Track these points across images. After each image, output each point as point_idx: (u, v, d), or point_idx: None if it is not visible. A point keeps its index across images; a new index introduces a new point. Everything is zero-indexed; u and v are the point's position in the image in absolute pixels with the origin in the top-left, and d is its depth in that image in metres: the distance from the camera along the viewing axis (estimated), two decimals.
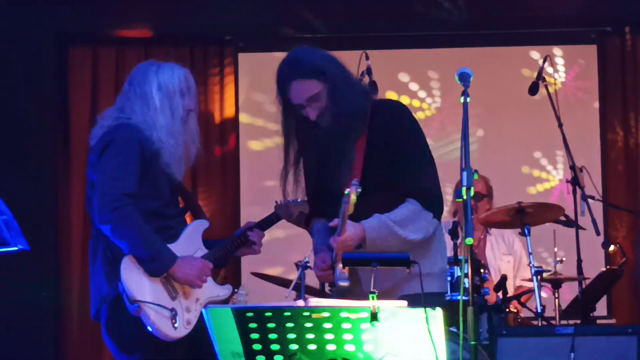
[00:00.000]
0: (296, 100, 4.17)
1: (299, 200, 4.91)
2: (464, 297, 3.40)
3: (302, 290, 6.25)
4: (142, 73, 4.52)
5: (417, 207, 4.15)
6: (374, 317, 3.16)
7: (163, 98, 4.45)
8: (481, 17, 8.00)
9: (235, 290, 5.25)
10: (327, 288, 4.47)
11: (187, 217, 4.76)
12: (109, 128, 4.42)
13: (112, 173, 4.28)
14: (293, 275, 6.43)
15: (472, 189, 3.44)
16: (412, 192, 4.15)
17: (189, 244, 4.46)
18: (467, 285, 3.41)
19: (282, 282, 6.67)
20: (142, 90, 4.46)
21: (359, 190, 3.81)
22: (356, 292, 4.12)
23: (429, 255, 4.23)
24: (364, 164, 4.19)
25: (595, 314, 6.57)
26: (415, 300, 3.87)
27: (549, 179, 8.16)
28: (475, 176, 3.48)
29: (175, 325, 4.22)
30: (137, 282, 4.21)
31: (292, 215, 4.83)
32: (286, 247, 7.47)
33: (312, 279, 6.32)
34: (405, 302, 3.29)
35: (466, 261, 3.38)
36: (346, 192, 3.83)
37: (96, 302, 4.34)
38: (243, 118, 8.24)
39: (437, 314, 3.13)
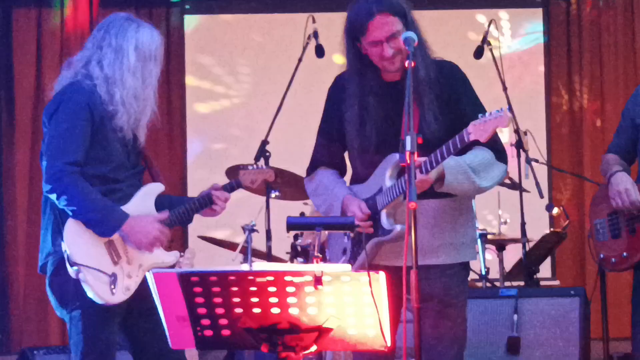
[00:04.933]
0: (377, 36, 3.98)
1: (263, 166, 4.86)
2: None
3: (248, 253, 6.26)
4: (121, 27, 4.36)
5: (491, 155, 4.04)
6: (317, 281, 3.17)
7: (138, 60, 4.33)
8: None
9: (181, 254, 5.22)
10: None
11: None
12: (62, 87, 4.31)
13: (58, 141, 4.23)
14: (240, 239, 6.44)
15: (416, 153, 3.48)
16: (484, 143, 3.92)
17: (140, 206, 4.41)
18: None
19: (229, 246, 6.68)
20: (119, 45, 4.32)
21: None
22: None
23: (463, 222, 4.13)
24: (421, 117, 4.01)
25: (540, 275, 6.66)
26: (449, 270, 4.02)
27: None
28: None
29: (114, 290, 4.20)
30: (79, 245, 4.18)
31: (255, 182, 4.69)
32: (233, 210, 7.47)
33: (258, 243, 6.35)
34: (349, 266, 3.31)
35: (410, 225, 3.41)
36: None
37: (42, 255, 4.32)
38: (190, 81, 8.19)
39: (380, 278, 3.15)
